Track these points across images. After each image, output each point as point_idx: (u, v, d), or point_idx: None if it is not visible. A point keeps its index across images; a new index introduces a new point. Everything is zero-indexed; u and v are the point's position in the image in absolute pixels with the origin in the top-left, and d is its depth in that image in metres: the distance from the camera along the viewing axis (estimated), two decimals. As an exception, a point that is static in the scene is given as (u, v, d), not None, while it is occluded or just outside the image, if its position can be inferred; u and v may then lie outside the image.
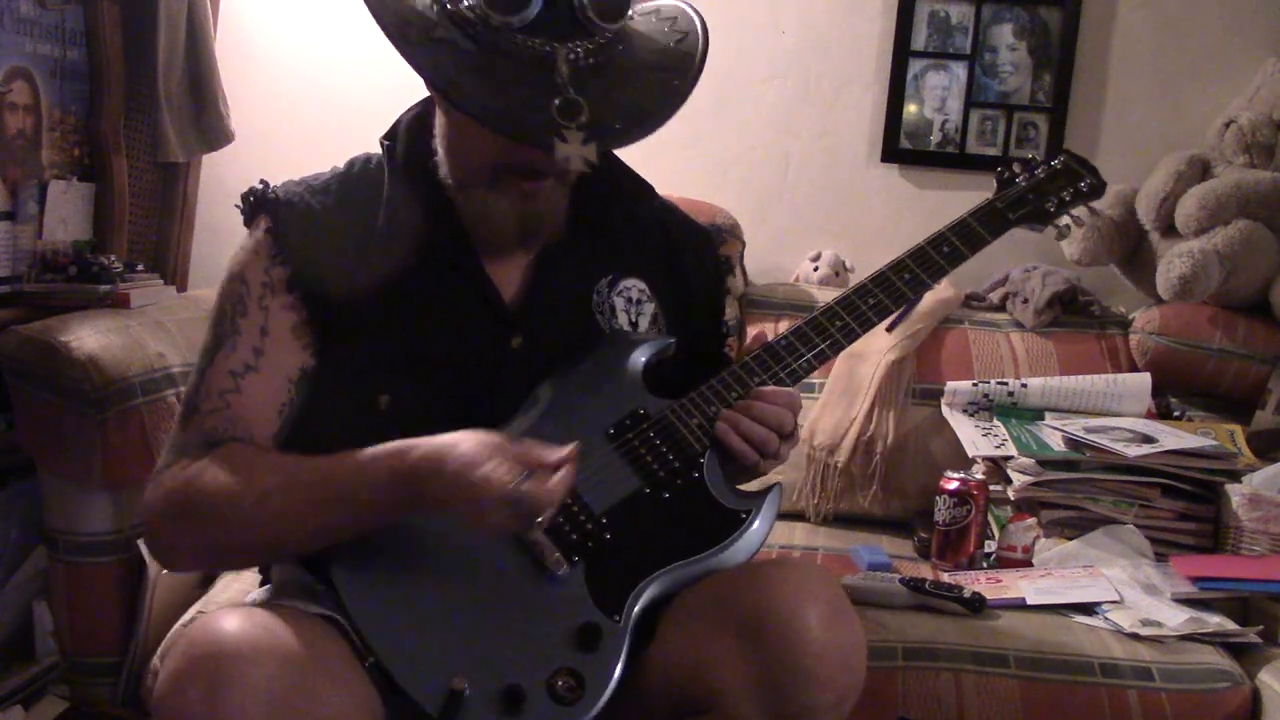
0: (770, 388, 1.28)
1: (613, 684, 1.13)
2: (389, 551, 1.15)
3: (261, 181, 1.27)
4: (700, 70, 1.22)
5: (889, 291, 1.36)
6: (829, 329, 1.33)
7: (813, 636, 1.09)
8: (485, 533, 1.14)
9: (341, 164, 1.32)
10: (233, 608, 1.09)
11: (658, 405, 1.27)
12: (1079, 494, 1.87)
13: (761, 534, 1.24)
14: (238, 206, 1.28)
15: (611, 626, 1.15)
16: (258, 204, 1.26)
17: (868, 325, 1.34)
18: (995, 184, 1.51)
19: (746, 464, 1.26)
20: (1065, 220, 1.50)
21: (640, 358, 1.31)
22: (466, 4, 1.13)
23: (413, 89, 1.28)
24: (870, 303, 1.34)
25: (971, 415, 2.10)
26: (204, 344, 1.24)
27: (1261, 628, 1.64)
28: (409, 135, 1.30)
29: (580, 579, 1.18)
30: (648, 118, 1.16)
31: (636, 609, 1.17)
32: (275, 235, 1.23)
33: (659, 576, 1.19)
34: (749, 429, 1.25)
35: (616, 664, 1.14)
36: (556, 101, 1.08)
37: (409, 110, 1.32)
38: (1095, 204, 1.53)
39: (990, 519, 1.91)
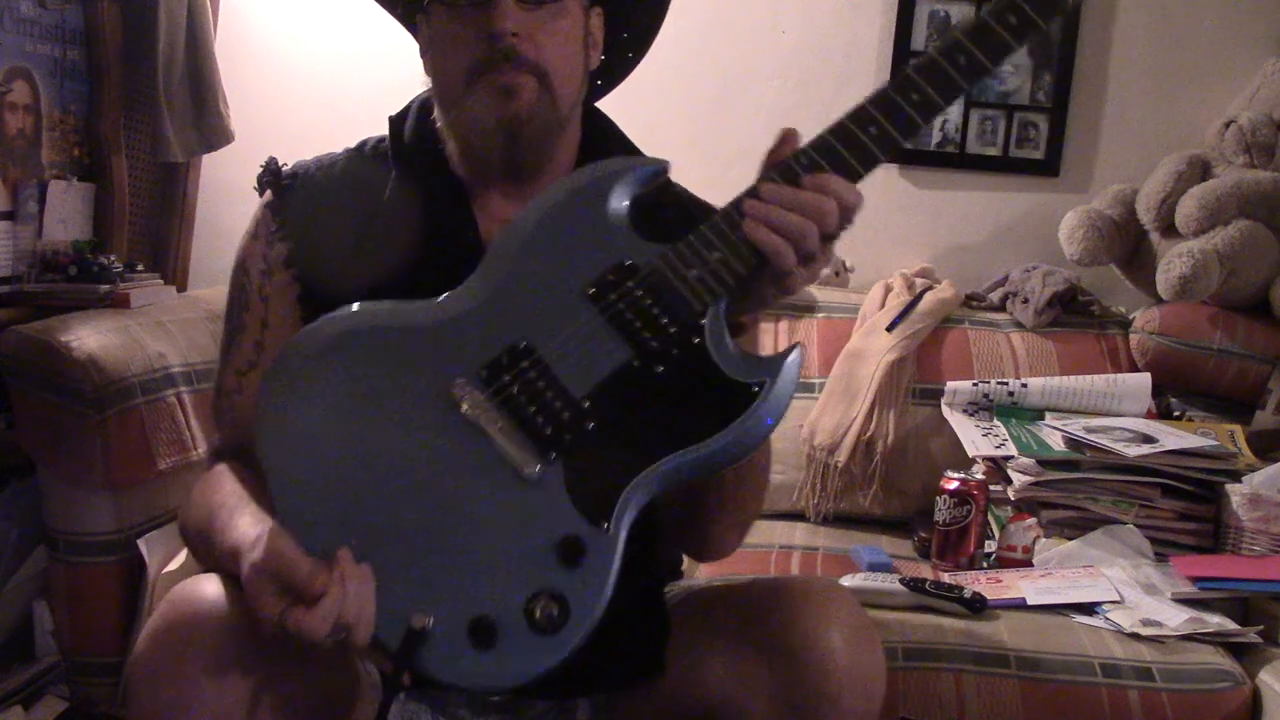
0: (811, 176, 1.03)
1: (603, 603, 0.97)
2: (332, 463, 1.01)
3: (271, 158, 1.27)
4: None
5: (936, 80, 1.06)
6: (863, 140, 1.06)
7: (837, 662, 1.07)
8: None
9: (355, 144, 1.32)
10: (208, 575, 1.08)
11: (647, 253, 1.04)
12: (1079, 494, 1.87)
13: (777, 410, 1.02)
14: (255, 189, 1.28)
15: (598, 536, 0.98)
16: (269, 176, 1.26)
17: (909, 128, 1.06)
18: None
19: (780, 267, 1.02)
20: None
21: (626, 190, 1.09)
22: None
23: (412, 90, 1.28)
24: (913, 98, 1.06)
25: (971, 415, 2.10)
26: (223, 334, 1.25)
27: (1261, 627, 1.64)
28: (419, 116, 1.28)
29: (559, 481, 1.00)
30: None
31: (629, 513, 0.99)
32: (276, 209, 1.24)
33: (654, 471, 1.00)
34: (781, 219, 1.01)
35: (607, 580, 0.97)
36: None
37: (419, 95, 1.31)
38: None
39: (990, 519, 1.91)
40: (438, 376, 1.02)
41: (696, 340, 1.02)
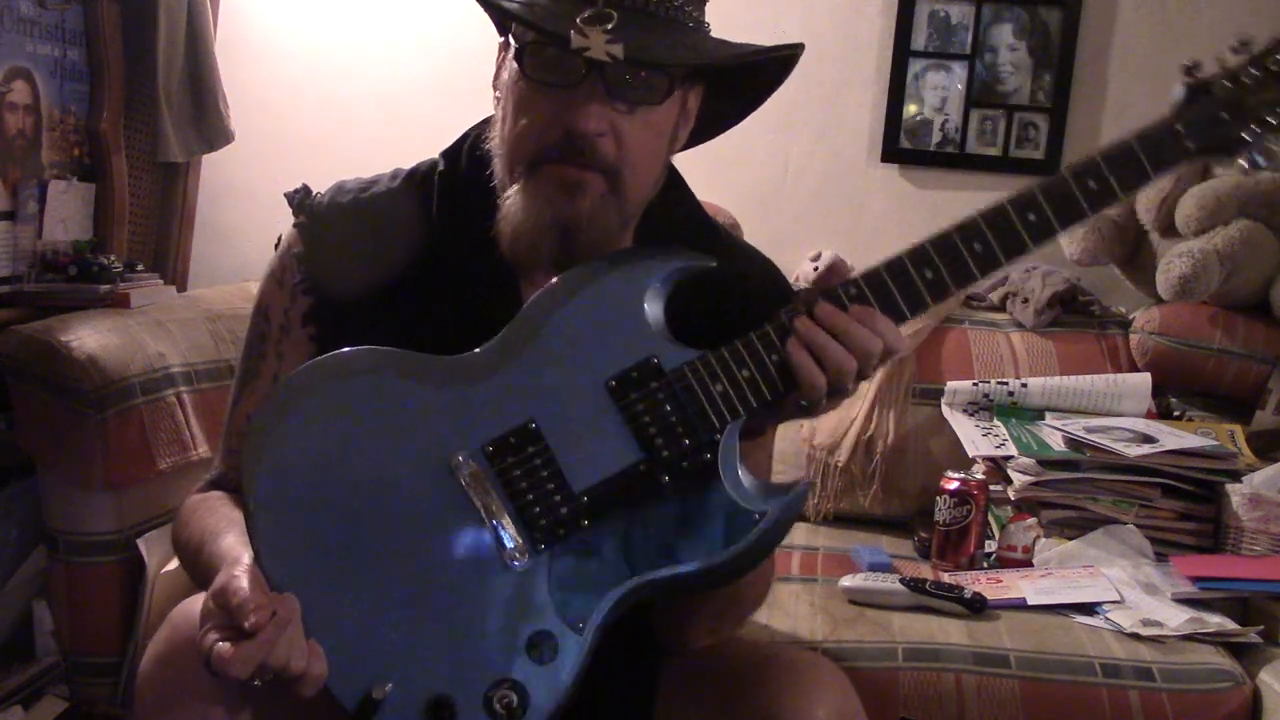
0: (859, 308, 1.01)
1: (559, 704, 0.96)
2: (321, 519, 0.97)
3: (303, 186, 1.19)
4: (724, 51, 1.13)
5: (1003, 235, 1.02)
6: (916, 282, 1.03)
7: None
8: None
9: (402, 167, 1.21)
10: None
11: (677, 357, 1.01)
12: (1079, 494, 1.87)
13: (775, 541, 1.02)
14: (289, 207, 1.19)
15: (570, 638, 0.97)
16: (302, 216, 1.17)
17: (965, 279, 1.03)
18: (1182, 91, 1.08)
19: (809, 397, 1.00)
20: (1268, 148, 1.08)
21: (664, 286, 1.05)
22: None
23: (412, 90, 1.27)
24: (976, 248, 1.02)
25: (971, 415, 2.10)
26: (238, 374, 1.20)
27: (1262, 628, 1.64)
28: (471, 162, 1.16)
29: (544, 574, 0.98)
30: (682, 54, 1.06)
31: (606, 620, 0.98)
32: (302, 259, 1.16)
33: (640, 584, 0.98)
34: (827, 348, 0.98)
35: (568, 681, 0.96)
36: (588, 13, 0.98)
37: (474, 130, 1.19)
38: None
39: (990, 519, 1.91)
40: (440, 440, 0.99)
41: (709, 456, 1.00)
